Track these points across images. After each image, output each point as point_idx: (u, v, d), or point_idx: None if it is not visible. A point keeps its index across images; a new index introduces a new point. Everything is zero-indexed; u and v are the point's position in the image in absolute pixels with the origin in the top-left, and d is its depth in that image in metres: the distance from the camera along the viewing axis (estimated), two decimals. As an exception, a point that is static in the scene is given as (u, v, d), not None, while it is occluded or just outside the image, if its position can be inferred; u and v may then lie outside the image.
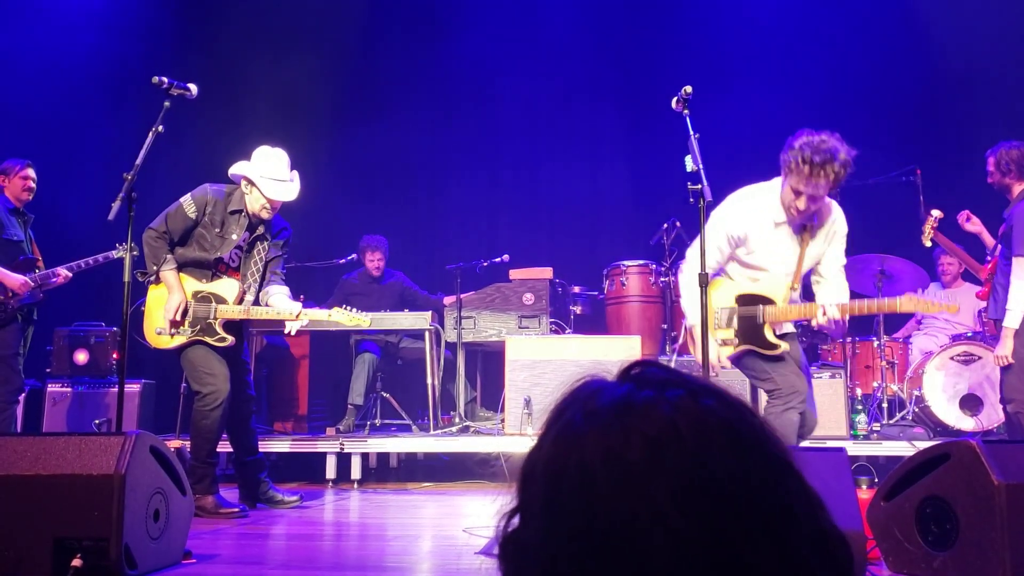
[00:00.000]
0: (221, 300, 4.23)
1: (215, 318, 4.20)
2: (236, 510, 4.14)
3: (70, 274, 5.09)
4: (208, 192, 4.26)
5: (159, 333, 4.20)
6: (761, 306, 3.50)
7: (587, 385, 0.69)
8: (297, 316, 4.22)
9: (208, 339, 4.18)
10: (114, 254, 5.18)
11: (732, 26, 7.71)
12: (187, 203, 4.22)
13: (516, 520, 0.67)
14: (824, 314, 3.40)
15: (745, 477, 0.60)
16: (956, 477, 2.64)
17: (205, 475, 4.13)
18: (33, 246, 5.16)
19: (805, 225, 3.52)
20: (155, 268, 4.18)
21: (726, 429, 0.62)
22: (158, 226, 4.19)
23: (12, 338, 4.88)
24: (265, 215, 4.29)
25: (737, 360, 3.60)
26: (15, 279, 4.84)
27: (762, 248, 3.51)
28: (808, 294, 3.74)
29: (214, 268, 4.27)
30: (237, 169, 4.30)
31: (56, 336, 6.12)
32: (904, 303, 3.44)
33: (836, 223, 3.58)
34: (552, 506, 0.63)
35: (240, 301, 4.27)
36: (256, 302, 4.33)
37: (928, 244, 5.02)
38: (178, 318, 4.16)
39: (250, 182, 4.24)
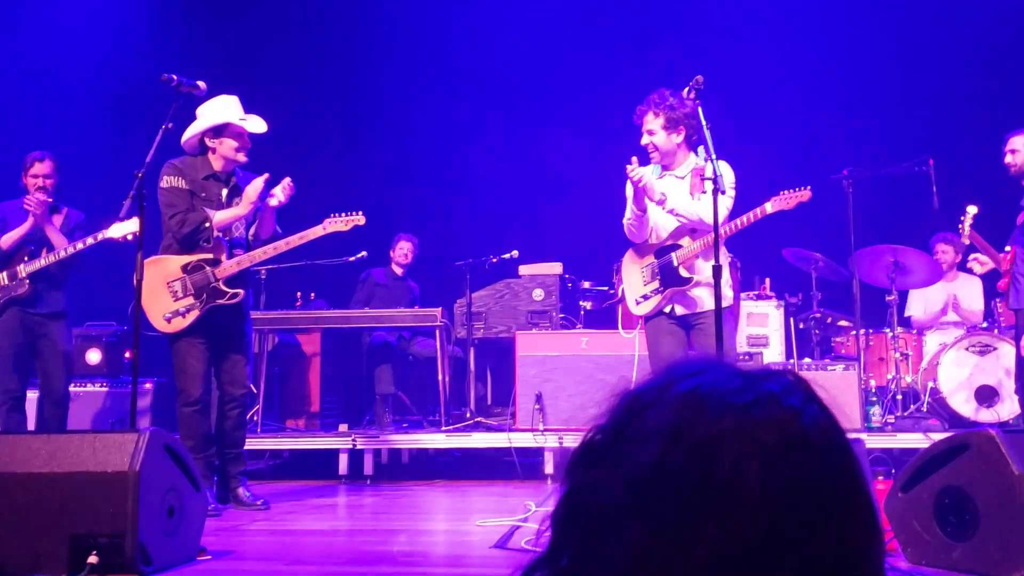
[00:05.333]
0: (215, 263, 4.15)
1: (217, 280, 4.13)
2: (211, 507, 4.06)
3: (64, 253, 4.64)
4: (174, 163, 4.17)
5: (169, 319, 4.11)
6: (672, 252, 3.97)
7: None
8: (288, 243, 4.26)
9: (220, 301, 4.12)
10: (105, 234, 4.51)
11: (744, 16, 7.67)
12: (169, 182, 4.11)
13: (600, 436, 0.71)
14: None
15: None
16: (975, 467, 2.62)
17: None
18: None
19: (692, 179, 3.91)
20: (206, 224, 4.09)
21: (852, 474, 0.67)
22: (172, 217, 4.10)
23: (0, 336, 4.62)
24: (242, 158, 4.19)
25: (648, 321, 4.06)
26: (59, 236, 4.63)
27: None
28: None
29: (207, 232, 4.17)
30: (193, 130, 4.17)
31: (68, 336, 6.13)
32: (769, 207, 3.86)
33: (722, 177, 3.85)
34: (677, 438, 0.65)
35: (231, 256, 4.20)
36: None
37: (967, 242, 4.98)
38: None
39: (216, 134, 4.14)
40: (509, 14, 8.03)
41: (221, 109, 4.18)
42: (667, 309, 3.98)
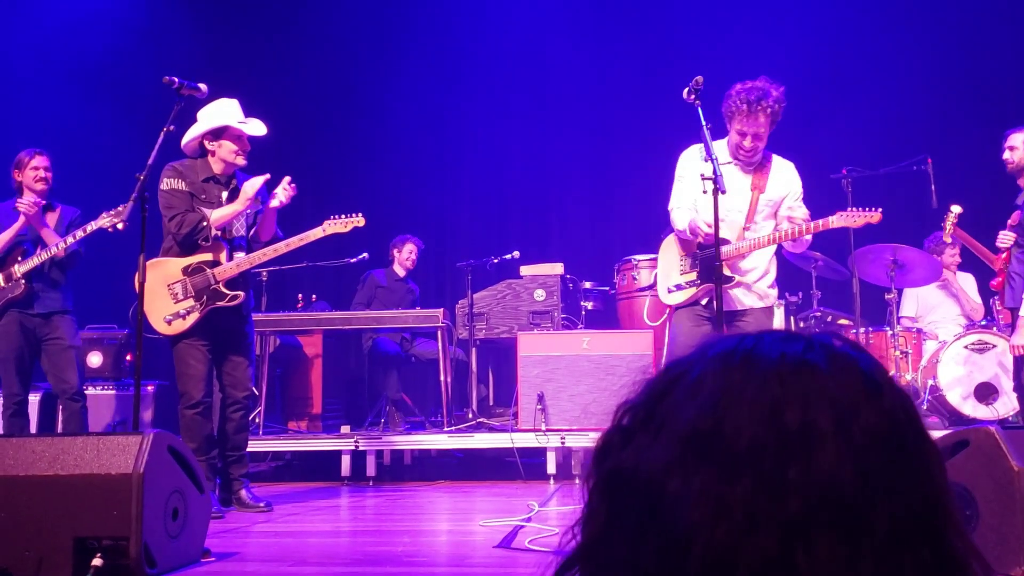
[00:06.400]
0: (214, 264, 4.14)
1: (217, 282, 4.11)
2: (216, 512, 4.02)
3: (64, 245, 4.58)
4: (174, 165, 4.17)
5: (169, 321, 4.09)
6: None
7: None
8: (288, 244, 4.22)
9: (220, 303, 4.11)
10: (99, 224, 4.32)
11: (742, 14, 7.68)
12: (169, 184, 4.10)
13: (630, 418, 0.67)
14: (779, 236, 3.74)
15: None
16: (975, 463, 2.63)
17: None
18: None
19: (755, 175, 3.81)
20: (203, 223, 4.08)
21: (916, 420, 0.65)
22: (171, 220, 4.09)
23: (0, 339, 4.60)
24: (241, 161, 4.18)
25: (678, 310, 3.92)
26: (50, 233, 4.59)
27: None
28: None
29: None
30: (193, 133, 4.17)
31: (70, 339, 6.13)
32: (834, 221, 3.70)
33: (790, 182, 3.87)
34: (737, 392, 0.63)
35: (230, 258, 4.19)
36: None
37: (949, 240, 5.02)
38: (284, 193, 4.12)
39: (216, 137, 4.14)
40: (510, 15, 8.05)
41: (220, 112, 4.17)
42: (704, 301, 3.83)
